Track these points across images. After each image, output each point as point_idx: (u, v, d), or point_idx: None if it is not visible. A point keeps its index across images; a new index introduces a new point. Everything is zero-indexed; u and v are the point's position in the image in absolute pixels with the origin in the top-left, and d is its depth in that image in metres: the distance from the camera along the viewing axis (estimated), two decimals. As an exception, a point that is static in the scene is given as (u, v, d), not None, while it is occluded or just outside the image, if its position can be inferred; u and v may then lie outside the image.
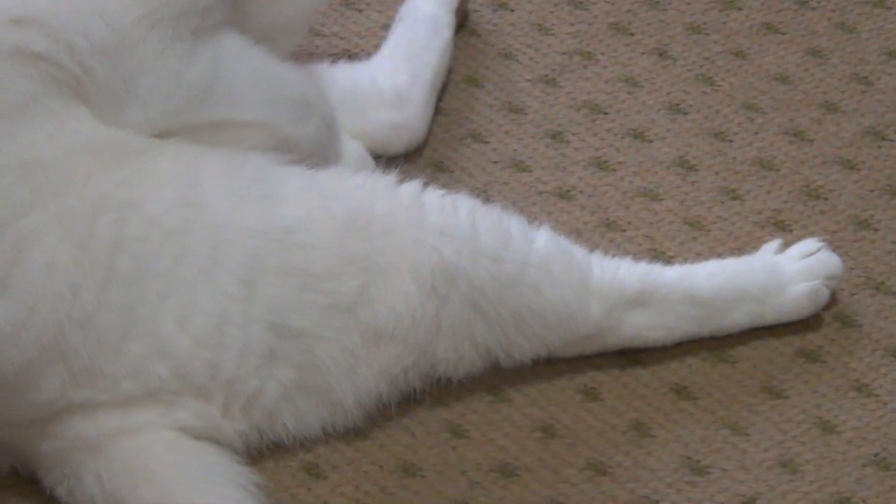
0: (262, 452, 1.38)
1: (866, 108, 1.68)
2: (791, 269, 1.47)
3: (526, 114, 1.67)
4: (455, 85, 1.68)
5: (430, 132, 1.63)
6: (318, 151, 1.46)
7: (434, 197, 1.40)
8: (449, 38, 1.66)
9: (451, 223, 1.38)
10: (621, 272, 1.43)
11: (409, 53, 1.63)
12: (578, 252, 1.43)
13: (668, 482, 1.39)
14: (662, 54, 1.73)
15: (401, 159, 1.58)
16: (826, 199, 1.60)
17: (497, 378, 1.44)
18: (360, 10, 1.72)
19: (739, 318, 1.46)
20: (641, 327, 1.44)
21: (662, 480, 1.39)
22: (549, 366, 1.45)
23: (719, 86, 1.70)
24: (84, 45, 1.30)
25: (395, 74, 1.61)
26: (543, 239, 1.41)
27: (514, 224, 1.41)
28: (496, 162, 1.62)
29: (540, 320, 1.40)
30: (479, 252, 1.37)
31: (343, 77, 1.60)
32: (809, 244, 1.49)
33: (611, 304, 1.42)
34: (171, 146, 1.36)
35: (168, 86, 1.35)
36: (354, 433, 1.40)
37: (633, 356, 1.46)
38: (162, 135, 1.36)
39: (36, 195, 1.29)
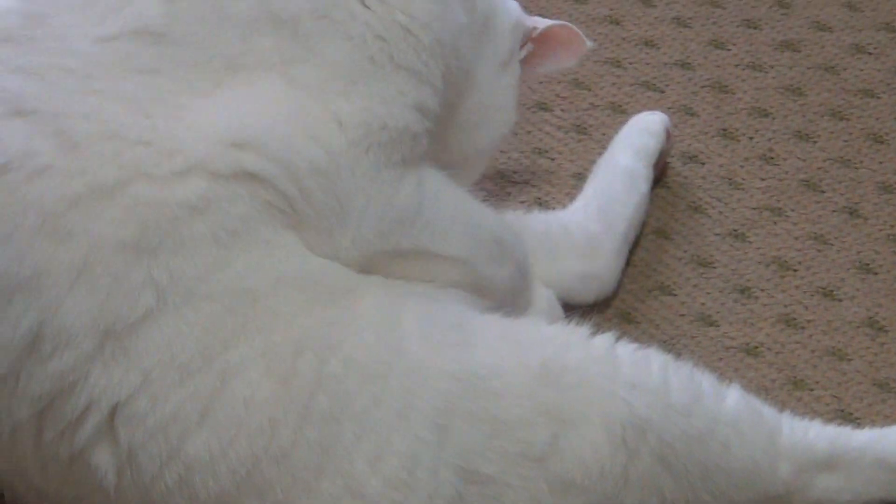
0: None
1: None
2: None
3: (714, 268, 1.67)
4: (644, 236, 1.68)
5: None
6: (511, 297, 1.47)
7: (627, 350, 1.40)
8: (645, 192, 1.67)
9: (643, 377, 1.38)
10: (811, 434, 1.42)
11: (604, 205, 1.64)
12: (768, 412, 1.42)
13: None
14: (853, 212, 1.72)
15: (588, 308, 1.59)
16: None
17: (679, 531, 1.43)
18: (553, 159, 1.74)
19: None
20: (830, 490, 1.42)
21: None
22: (733, 524, 1.44)
23: (912, 245, 1.69)
24: (302, 165, 1.33)
25: (588, 224, 1.62)
26: (734, 397, 1.41)
27: (706, 381, 1.41)
28: (683, 315, 1.63)
29: (728, 478, 1.39)
30: (670, 407, 1.37)
31: (536, 224, 1.61)
32: None
33: (800, 465, 1.41)
34: (373, 288, 1.38)
35: (380, 207, 1.38)
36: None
37: (819, 518, 1.45)
38: (369, 262, 1.39)
39: (243, 328, 1.31)
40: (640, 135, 1.71)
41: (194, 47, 1.34)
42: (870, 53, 1.89)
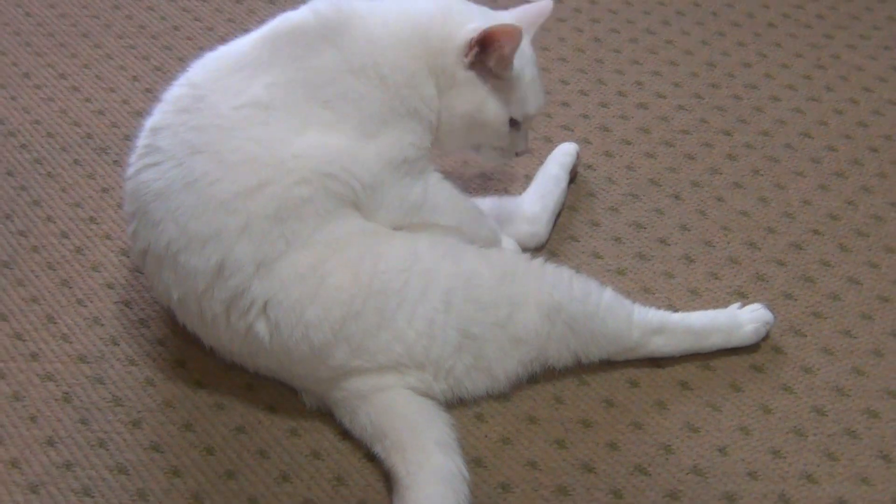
0: (452, 405, 1.38)
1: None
2: (745, 317, 1.47)
3: (601, 227, 1.67)
4: (563, 211, 1.67)
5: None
6: (487, 245, 1.47)
7: (550, 266, 1.42)
8: (565, 187, 1.67)
9: (558, 280, 1.40)
10: (649, 315, 1.44)
11: (541, 194, 1.64)
12: (627, 302, 1.44)
13: (676, 434, 1.39)
14: (677, 197, 1.72)
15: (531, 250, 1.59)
16: (767, 282, 1.58)
17: (580, 370, 1.44)
18: (512, 168, 1.73)
19: (716, 341, 1.46)
20: (659, 345, 1.44)
21: (672, 433, 1.39)
22: (609, 365, 1.45)
23: (709, 216, 1.68)
24: (357, 185, 1.35)
25: (533, 206, 1.62)
26: (609, 293, 1.43)
27: (593, 284, 1.43)
28: (584, 253, 1.62)
29: (605, 338, 1.41)
30: (573, 297, 1.39)
31: (505, 204, 1.61)
32: (756, 305, 1.49)
33: (643, 331, 1.43)
34: (402, 231, 1.39)
35: (399, 202, 1.38)
36: (504, 397, 1.41)
37: (656, 363, 1.46)
38: (398, 227, 1.40)
39: (332, 254, 1.32)
40: (562, 155, 1.70)
41: (286, 112, 1.34)
42: (686, 111, 1.87)
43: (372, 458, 1.33)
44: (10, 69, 1.93)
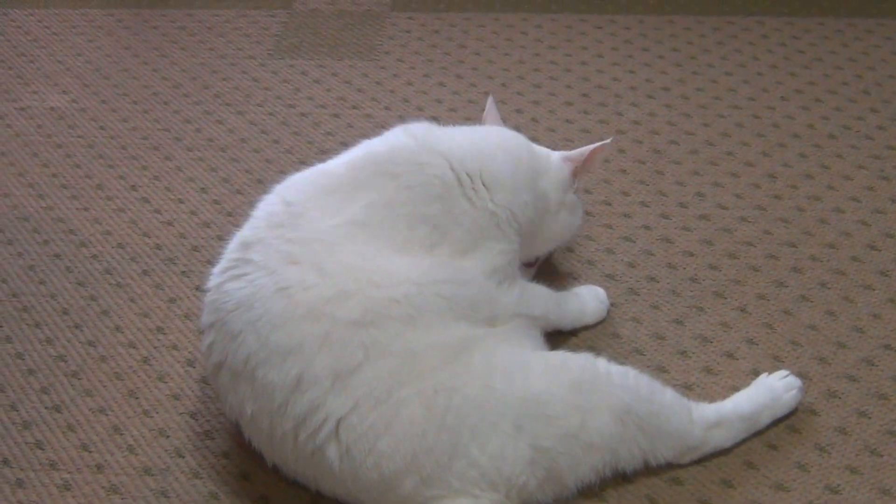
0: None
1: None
2: (780, 386, 1.50)
3: (665, 341, 1.63)
4: (624, 327, 1.64)
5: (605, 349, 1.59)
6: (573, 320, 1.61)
7: (615, 368, 1.41)
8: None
9: (626, 383, 1.39)
10: (706, 410, 1.44)
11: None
12: (686, 401, 1.44)
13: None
14: (743, 310, 1.68)
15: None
16: (840, 398, 1.54)
17: (649, 492, 1.39)
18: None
19: (766, 419, 1.48)
20: (719, 438, 1.44)
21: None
22: (682, 486, 1.41)
23: (776, 330, 1.64)
24: (459, 287, 1.41)
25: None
26: (670, 393, 1.42)
27: (656, 383, 1.42)
28: (648, 366, 1.58)
29: (671, 437, 1.40)
30: (640, 398, 1.38)
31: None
32: (783, 371, 1.52)
33: (704, 427, 1.43)
34: (480, 345, 1.37)
35: (498, 303, 1.44)
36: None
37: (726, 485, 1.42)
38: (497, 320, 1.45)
39: (408, 375, 1.30)
40: None
41: (384, 230, 1.39)
42: (749, 222, 1.85)
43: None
44: (84, 181, 1.98)
